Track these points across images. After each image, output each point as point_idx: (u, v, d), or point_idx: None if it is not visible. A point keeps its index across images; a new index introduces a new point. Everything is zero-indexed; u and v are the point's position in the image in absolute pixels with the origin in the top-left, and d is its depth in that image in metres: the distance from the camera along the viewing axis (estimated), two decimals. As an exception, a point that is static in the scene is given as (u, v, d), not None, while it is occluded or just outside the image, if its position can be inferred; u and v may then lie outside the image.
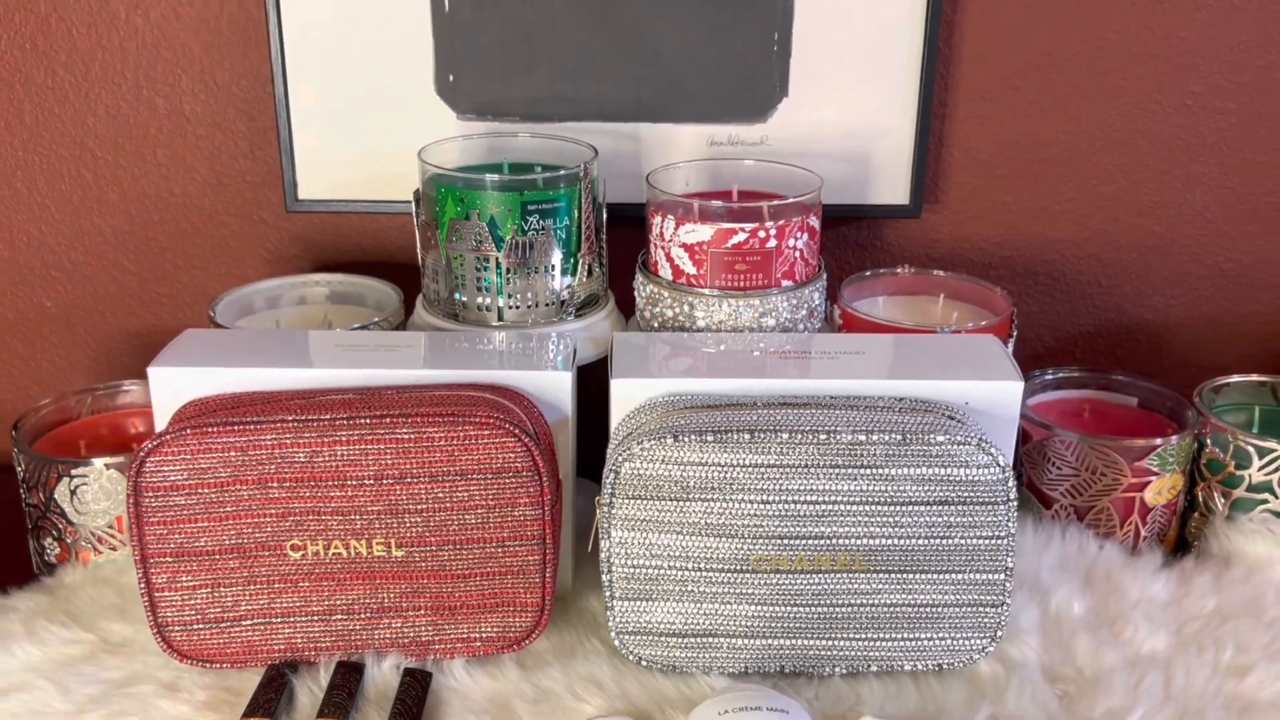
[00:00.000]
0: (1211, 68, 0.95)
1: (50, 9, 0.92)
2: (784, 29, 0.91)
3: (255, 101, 0.95)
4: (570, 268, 0.82)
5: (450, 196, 0.80)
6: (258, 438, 0.66)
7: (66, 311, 1.01)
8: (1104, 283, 1.02)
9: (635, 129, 0.93)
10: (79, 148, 0.96)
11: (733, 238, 0.80)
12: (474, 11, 0.89)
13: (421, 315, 0.84)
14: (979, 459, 0.66)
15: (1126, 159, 0.98)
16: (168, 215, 0.98)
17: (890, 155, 0.95)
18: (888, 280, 0.93)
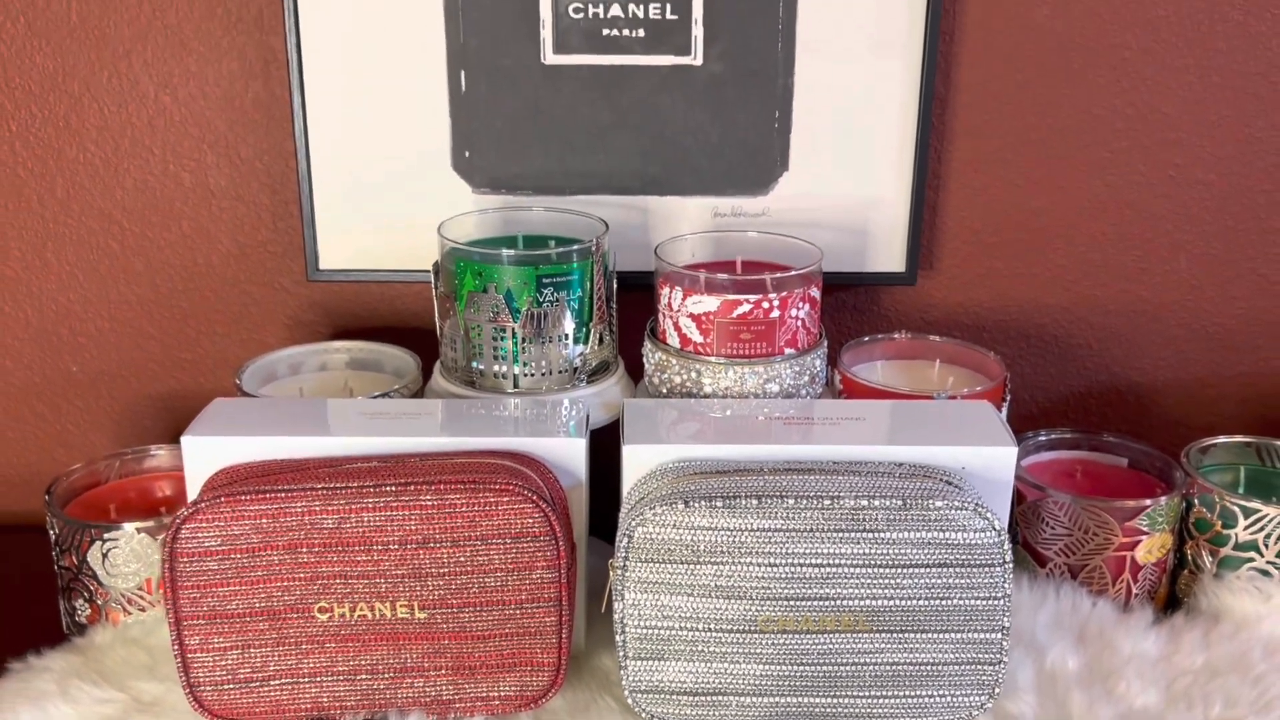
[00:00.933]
0: (1193, 142, 1.00)
1: (83, 89, 0.96)
2: (784, 107, 0.95)
3: (278, 175, 0.99)
4: (582, 336, 0.86)
5: (469, 270, 0.84)
6: (288, 505, 0.69)
7: (92, 376, 1.04)
8: (1094, 345, 1.05)
9: (643, 201, 0.98)
10: (107, 219, 1.00)
11: (737, 308, 0.83)
12: (489, 92, 0.94)
13: (439, 382, 0.88)
14: (975, 523, 0.70)
15: (1113, 228, 1.02)
16: (192, 284, 1.02)
17: (886, 225, 0.99)
18: (886, 345, 0.97)
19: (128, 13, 0.94)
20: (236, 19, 0.95)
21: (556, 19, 0.92)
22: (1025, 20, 0.96)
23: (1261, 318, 1.05)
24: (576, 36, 0.92)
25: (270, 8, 0.94)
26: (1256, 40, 0.97)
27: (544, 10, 0.92)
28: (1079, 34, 0.96)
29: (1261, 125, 0.99)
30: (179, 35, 0.95)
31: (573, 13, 0.92)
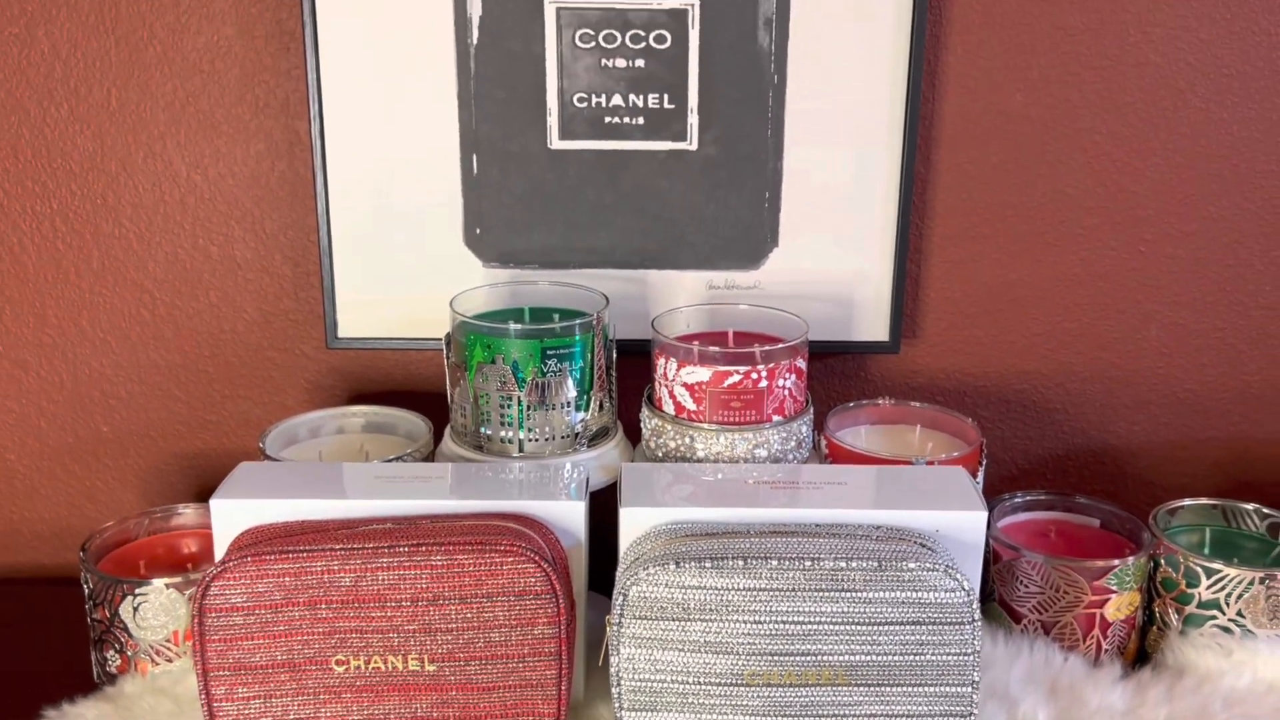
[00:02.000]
0: (1160, 219, 1.06)
1: (120, 169, 1.03)
2: (774, 188, 1.01)
3: (300, 249, 1.05)
4: (583, 404, 0.92)
5: (478, 342, 0.90)
6: (309, 564, 0.75)
7: (121, 437, 1.10)
8: (1070, 410, 1.11)
9: (642, 274, 1.04)
10: (139, 289, 1.06)
11: (728, 379, 0.89)
12: (499, 174, 1.00)
13: (450, 445, 0.94)
14: (946, 584, 0.75)
15: (1086, 299, 1.08)
16: (217, 350, 1.08)
17: (871, 297, 1.05)
18: (870, 410, 1.02)
19: (163, 98, 1.01)
20: (264, 104, 1.02)
21: (562, 107, 0.99)
22: (1000, 107, 1.03)
23: (1229, 384, 1.10)
24: (581, 124, 0.99)
25: (295, 94, 1.01)
26: (1218, 126, 1.03)
27: (550, 100, 0.98)
28: (1052, 119, 1.03)
29: (1224, 204, 1.05)
30: (210, 119, 1.02)
31: (577, 102, 0.99)
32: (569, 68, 0.98)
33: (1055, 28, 1.01)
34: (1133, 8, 1.00)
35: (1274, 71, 1.02)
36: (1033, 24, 1.00)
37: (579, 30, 0.97)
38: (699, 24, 0.97)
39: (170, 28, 1.00)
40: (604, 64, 0.98)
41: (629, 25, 0.97)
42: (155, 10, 0.99)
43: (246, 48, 1.00)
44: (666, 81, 0.98)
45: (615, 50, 0.98)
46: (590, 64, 0.98)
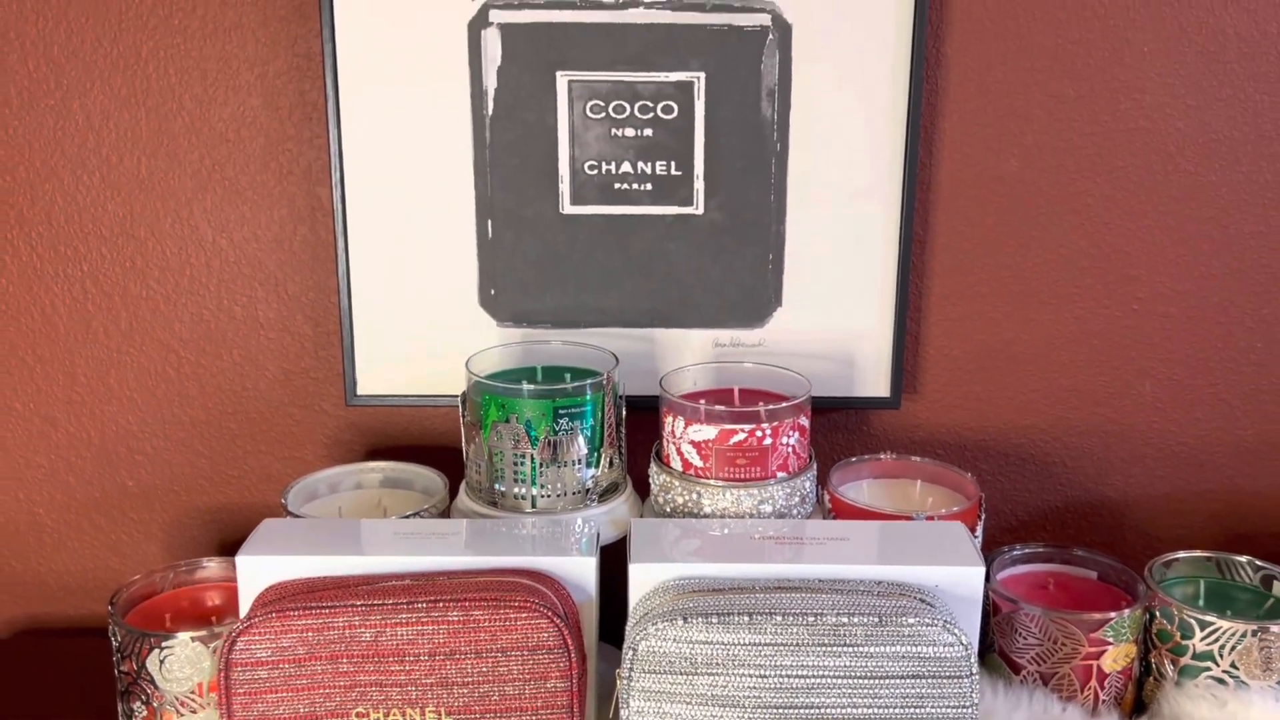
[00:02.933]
0: (1152, 278, 1.09)
1: (148, 234, 1.07)
2: (777, 250, 1.05)
3: (321, 309, 1.09)
4: (594, 461, 0.95)
5: (493, 402, 0.93)
6: (331, 620, 0.78)
7: (145, 491, 1.14)
8: (1068, 464, 1.14)
9: (651, 333, 1.07)
10: (165, 349, 1.10)
11: (734, 437, 0.93)
12: (513, 238, 1.04)
13: (465, 501, 0.97)
14: (945, 639, 0.78)
15: (1082, 355, 1.11)
16: (240, 407, 1.12)
17: (872, 354, 1.08)
18: (872, 465, 1.05)
19: (190, 167, 1.06)
20: (288, 171, 1.06)
21: (574, 175, 1.03)
22: (995, 171, 1.06)
23: (1223, 438, 1.13)
24: (591, 190, 1.03)
25: (318, 161, 1.06)
26: (1207, 189, 1.07)
27: (563, 167, 1.03)
28: (1045, 182, 1.07)
29: (1215, 264, 1.09)
30: (236, 186, 1.06)
31: (588, 169, 1.03)
32: (580, 137, 1.02)
33: (1048, 95, 1.05)
34: (1123, 75, 1.04)
35: (1261, 137, 1.05)
36: (1026, 92, 1.04)
37: (590, 102, 1.01)
38: (704, 95, 1.01)
39: (198, 99, 1.04)
40: (614, 133, 1.02)
41: (638, 97, 1.01)
42: (184, 83, 1.04)
43: (271, 118, 1.05)
44: (673, 150, 1.02)
45: (625, 120, 1.02)
46: (601, 133, 1.02)
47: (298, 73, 1.04)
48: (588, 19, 0.99)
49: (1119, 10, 1.02)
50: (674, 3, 0.99)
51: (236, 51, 1.03)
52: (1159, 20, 1.03)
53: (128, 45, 1.03)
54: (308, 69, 1.03)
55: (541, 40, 1.00)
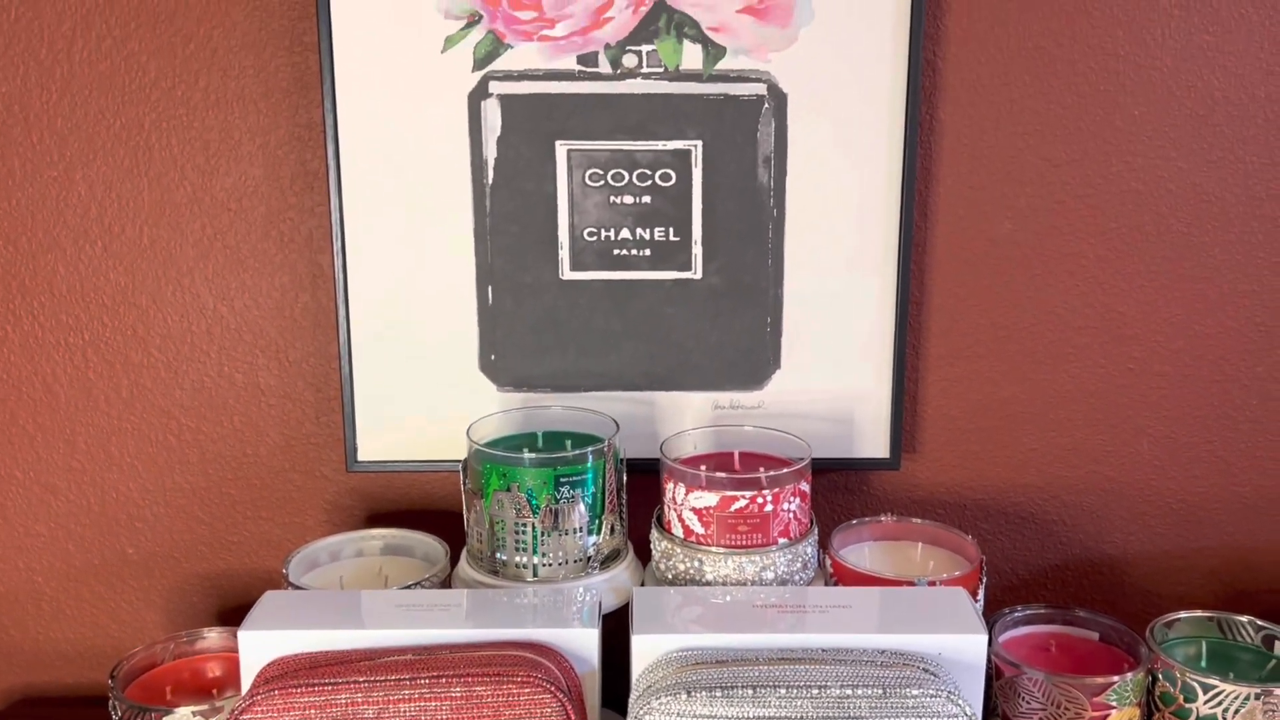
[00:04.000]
0: (1148, 337, 1.10)
1: (150, 302, 1.08)
2: (775, 314, 1.06)
3: (322, 375, 1.10)
4: (595, 528, 0.95)
5: (494, 471, 0.94)
6: (333, 697, 0.78)
7: (146, 558, 1.13)
8: (1067, 522, 1.14)
9: (650, 396, 1.08)
10: (166, 416, 1.11)
11: (735, 503, 0.93)
12: (513, 304, 1.05)
13: (466, 570, 0.97)
14: (949, 709, 0.78)
15: (1078, 414, 1.12)
16: (240, 473, 1.12)
17: (871, 415, 1.09)
18: (873, 527, 1.06)
19: (193, 235, 1.07)
20: (289, 239, 1.07)
21: (573, 241, 1.04)
22: (990, 234, 1.08)
23: (1222, 495, 1.14)
24: (591, 255, 1.04)
25: (319, 230, 1.07)
26: (1200, 249, 1.08)
27: (562, 234, 1.04)
28: (1039, 244, 1.08)
29: (1208, 323, 1.10)
30: (237, 254, 1.07)
31: (587, 236, 1.04)
32: (579, 204, 1.03)
33: (1041, 159, 1.06)
34: (1114, 139, 1.06)
35: (1251, 197, 1.07)
36: (1019, 156, 1.06)
37: (589, 170, 1.02)
38: (702, 163, 1.02)
39: (200, 169, 1.05)
40: (613, 200, 1.03)
41: (636, 165, 1.02)
42: (186, 153, 1.05)
43: (272, 187, 1.06)
44: (672, 216, 1.03)
45: (623, 188, 1.03)
46: (600, 201, 1.03)
47: (299, 142, 1.05)
48: (586, 90, 1.01)
49: (1109, 75, 1.04)
50: (671, 73, 1.00)
51: (238, 122, 1.04)
52: (1148, 84, 1.04)
53: (131, 117, 1.04)
54: (309, 138, 1.05)
55: (541, 111, 1.01)
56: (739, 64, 1.00)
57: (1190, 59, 1.04)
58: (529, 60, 1.00)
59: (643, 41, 1.00)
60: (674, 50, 1.00)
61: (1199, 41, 1.04)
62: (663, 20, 0.99)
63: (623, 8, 0.99)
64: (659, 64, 1.00)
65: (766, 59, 1.00)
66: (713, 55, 1.00)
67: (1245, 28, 1.03)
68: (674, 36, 1.00)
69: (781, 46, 1.00)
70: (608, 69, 1.00)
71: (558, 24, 1.00)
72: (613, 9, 0.99)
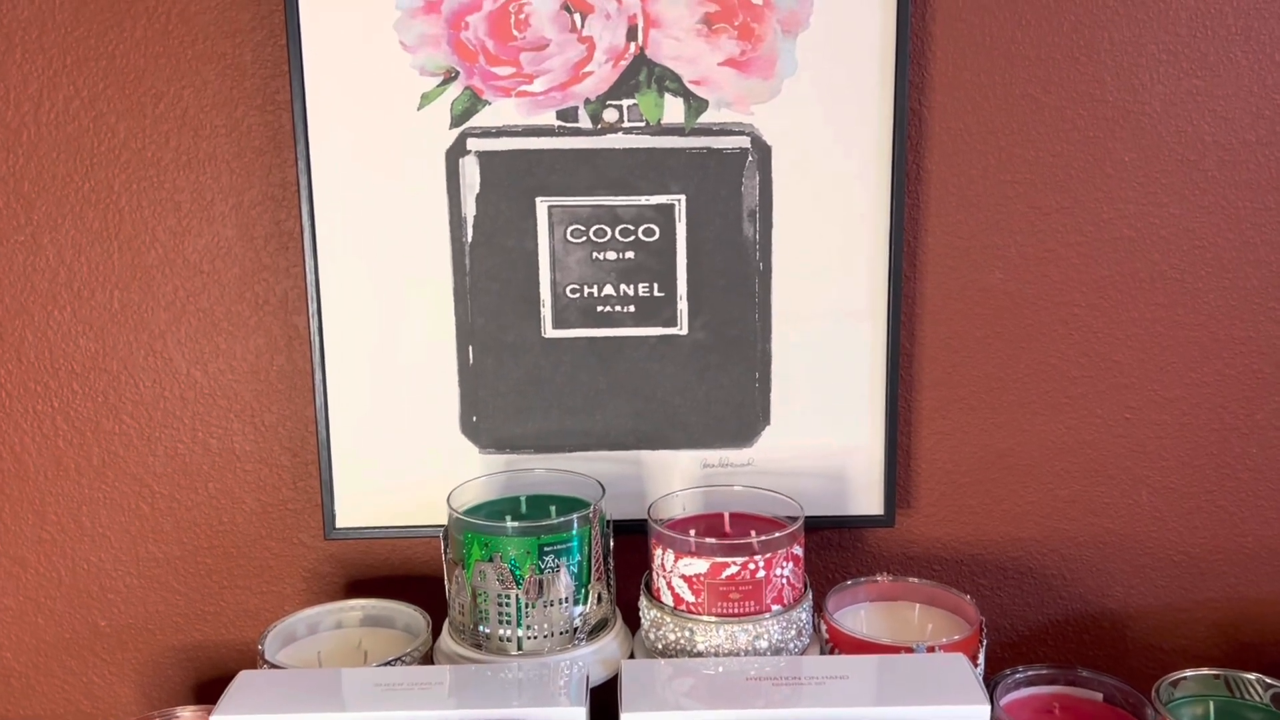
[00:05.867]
0: (1144, 386, 1.08)
1: (121, 367, 1.05)
2: (764, 368, 1.04)
3: (299, 439, 1.07)
4: (582, 597, 0.92)
5: (475, 541, 0.90)
6: (310, 788, 0.74)
7: (118, 630, 1.10)
8: (1067, 576, 1.11)
9: (637, 455, 1.05)
10: (139, 484, 1.07)
11: (726, 570, 0.90)
12: (495, 364, 1.02)
13: (447, 643, 0.94)
14: (952, 788, 0.75)
15: (1076, 465, 1.09)
16: (216, 541, 1.08)
17: (864, 470, 1.06)
18: (868, 588, 1.02)
19: (164, 298, 1.04)
20: (264, 301, 1.04)
21: (555, 299, 1.01)
22: (980, 283, 1.05)
23: (1224, 546, 1.11)
24: (573, 313, 1.02)
25: (294, 290, 1.04)
26: (1195, 295, 1.06)
27: (544, 292, 1.01)
28: (1030, 293, 1.06)
29: (1206, 370, 1.07)
30: (210, 317, 1.04)
31: (570, 293, 1.01)
32: (561, 261, 1.01)
33: (1030, 207, 1.04)
34: (1105, 186, 1.04)
35: (1245, 243, 1.05)
36: (1008, 205, 1.04)
37: (570, 226, 1.00)
38: (685, 217, 1.00)
39: (172, 231, 1.03)
40: (595, 256, 1.01)
41: (618, 220, 1.00)
42: (157, 215, 1.02)
43: (246, 247, 1.03)
44: (656, 271, 1.01)
45: (606, 244, 1.01)
46: (582, 257, 1.01)
47: (273, 202, 1.02)
48: (566, 145, 0.98)
49: (1098, 121, 1.02)
50: (653, 128, 0.98)
51: (210, 183, 1.02)
52: (1138, 130, 1.03)
53: (100, 180, 1.01)
54: (283, 198, 1.02)
55: (520, 167, 0.99)
56: (722, 117, 0.98)
57: (1179, 104, 1.02)
58: (507, 116, 0.98)
59: (623, 96, 0.98)
60: (655, 104, 0.98)
61: (1188, 86, 1.02)
62: (643, 74, 0.97)
63: (602, 62, 0.97)
64: (640, 118, 0.98)
65: (750, 111, 0.98)
66: (695, 109, 0.98)
67: (1234, 72, 1.02)
68: (655, 90, 0.98)
69: (765, 98, 0.98)
70: (588, 124, 0.98)
71: (536, 79, 0.97)
72: (592, 63, 0.97)
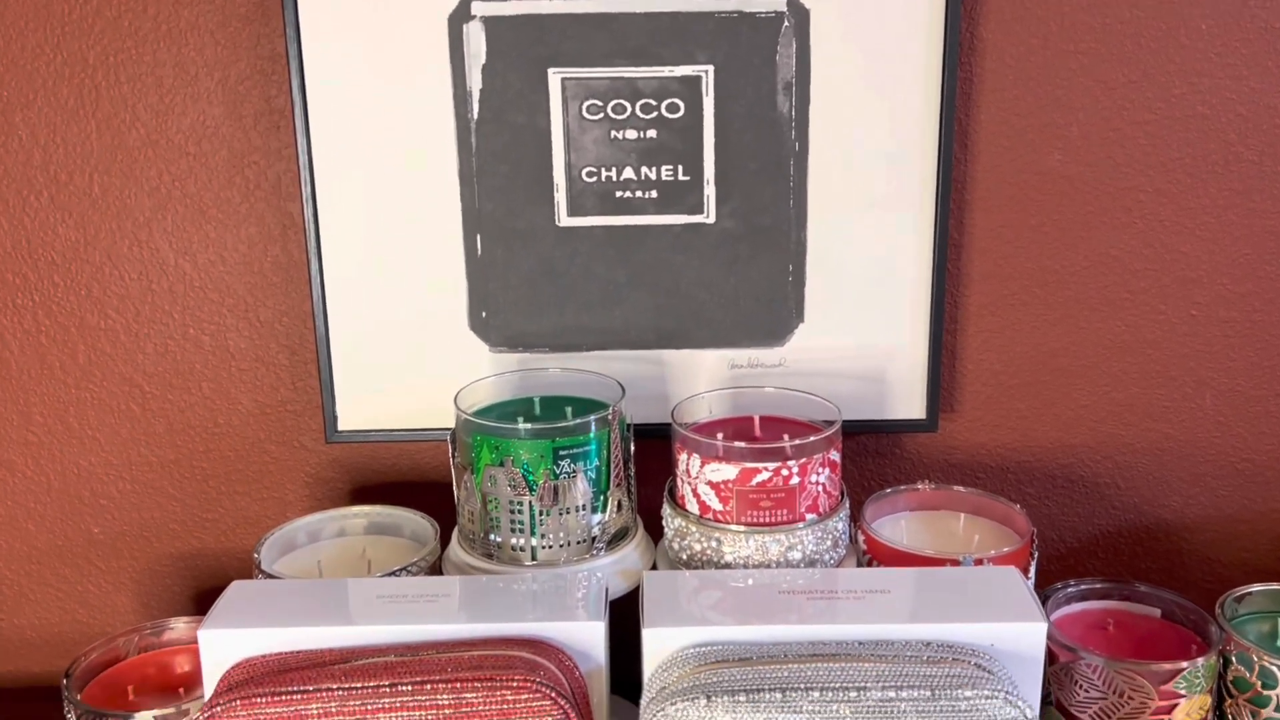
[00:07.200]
0: (1213, 280, 0.99)
1: (104, 258, 0.98)
2: (798, 260, 0.95)
3: (297, 336, 0.99)
4: (600, 505, 0.85)
5: (485, 444, 0.83)
6: (304, 708, 0.68)
7: (113, 538, 1.04)
8: (1121, 485, 1.04)
9: (659, 355, 0.97)
10: (128, 384, 1.00)
11: (756, 476, 0.83)
12: (505, 254, 0.94)
13: (457, 552, 0.87)
14: (1007, 712, 0.68)
15: (1135, 366, 1.01)
16: (212, 445, 1.02)
17: (905, 372, 0.98)
18: (909, 496, 0.95)
19: (148, 183, 0.96)
20: (255, 186, 0.96)
21: (570, 183, 0.93)
22: (1037, 166, 0.96)
23: (1292, 453, 1.03)
24: (590, 199, 0.93)
25: (287, 175, 0.96)
26: (1272, 179, 0.96)
27: (558, 175, 0.93)
28: (1092, 177, 0.96)
29: (1281, 262, 0.98)
30: (198, 203, 0.96)
31: (586, 176, 0.93)
32: (576, 141, 0.92)
33: (1095, 82, 0.94)
34: (1178, 58, 0.94)
35: (1331, 121, 0.95)
36: (1070, 79, 0.94)
37: (586, 101, 0.91)
38: (713, 91, 0.91)
39: (154, 109, 0.94)
40: (614, 136, 0.92)
41: (639, 94, 0.91)
42: (138, 92, 0.94)
43: (234, 128, 0.95)
44: (680, 152, 0.92)
45: (625, 121, 0.92)
46: (599, 136, 0.92)
47: (262, 76, 0.94)
48: (581, 9, 0.89)
49: (1173, -16, 0.92)
50: (677, -12, 0.89)
51: (194, 56, 0.93)
52: (1218, -6, 0.92)
53: (72, 52, 0.92)
54: (273, 72, 0.93)
55: (530, 34, 0.89)
56: (755, -23, 0.89)
57: (1267, -37, 0.92)
58: (516, -23, 0.89)
59: (645, -48, 0.88)
60: (681, -38, 0.88)
61: (1277, -57, 0.91)
62: (667, -73, 0.87)
63: (622, -86, 0.87)
64: (664, -22, 0.88)
65: (786, -29, 0.89)
66: (725, -33, 0.88)
67: (1330, -74, 0.91)
68: (680, -54, 0.88)
69: (803, -44, 0.88)
70: (606, -15, 0.89)
71: (548, -66, 0.88)
72: (610, -84, 0.87)
